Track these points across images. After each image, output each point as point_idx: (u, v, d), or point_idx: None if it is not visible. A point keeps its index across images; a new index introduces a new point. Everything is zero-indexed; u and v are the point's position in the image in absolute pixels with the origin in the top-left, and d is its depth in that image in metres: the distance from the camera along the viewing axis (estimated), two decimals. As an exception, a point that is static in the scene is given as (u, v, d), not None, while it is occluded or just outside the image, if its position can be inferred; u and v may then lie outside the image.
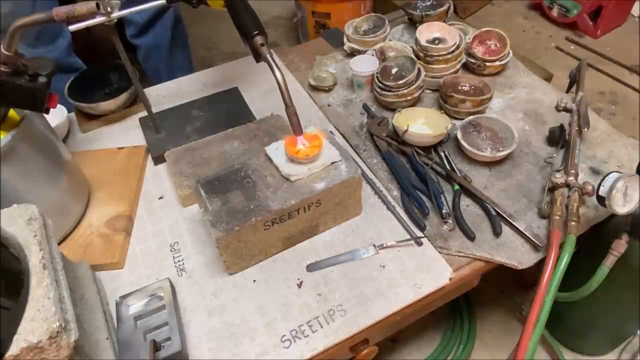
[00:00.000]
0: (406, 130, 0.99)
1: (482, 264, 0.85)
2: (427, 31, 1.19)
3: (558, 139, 1.01)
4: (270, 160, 0.85)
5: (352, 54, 1.29)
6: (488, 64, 1.18)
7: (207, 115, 1.14)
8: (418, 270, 0.83)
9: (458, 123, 1.05)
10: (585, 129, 0.99)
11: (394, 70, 1.15)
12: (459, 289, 0.93)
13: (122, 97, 1.13)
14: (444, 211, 0.89)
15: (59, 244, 0.87)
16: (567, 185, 0.88)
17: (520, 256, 0.84)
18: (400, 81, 1.08)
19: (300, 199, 0.79)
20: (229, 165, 0.88)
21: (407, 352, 1.32)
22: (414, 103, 1.14)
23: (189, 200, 0.95)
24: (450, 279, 0.82)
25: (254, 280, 0.83)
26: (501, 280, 1.39)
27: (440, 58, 1.14)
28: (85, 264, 0.80)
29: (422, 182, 0.95)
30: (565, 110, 1.07)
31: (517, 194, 0.94)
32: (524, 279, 1.36)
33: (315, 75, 1.23)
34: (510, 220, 0.88)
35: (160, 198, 0.99)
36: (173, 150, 1.01)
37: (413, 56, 1.16)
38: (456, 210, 0.90)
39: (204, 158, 0.99)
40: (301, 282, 0.82)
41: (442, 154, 1.01)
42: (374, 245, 0.86)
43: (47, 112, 0.82)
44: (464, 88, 1.13)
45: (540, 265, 0.81)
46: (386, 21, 1.30)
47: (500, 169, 0.99)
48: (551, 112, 1.11)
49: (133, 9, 0.85)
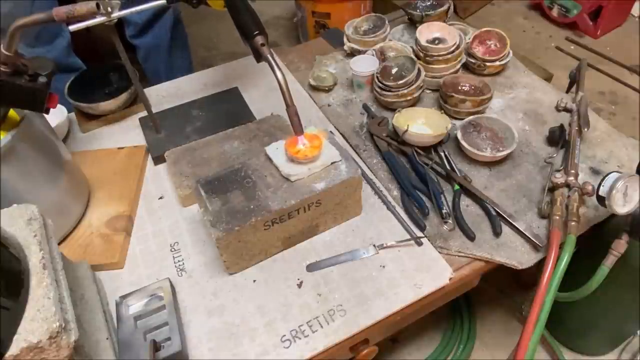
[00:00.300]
0: (406, 130, 0.99)
1: (482, 264, 0.85)
2: (427, 31, 1.19)
3: (558, 139, 1.01)
4: (270, 160, 0.85)
5: (352, 54, 1.29)
6: (488, 64, 1.18)
7: (207, 115, 1.14)
8: (418, 270, 0.83)
9: (458, 123, 1.05)
10: (585, 129, 0.99)
11: (394, 70, 1.15)
12: (459, 289, 0.93)
13: (122, 97, 1.13)
14: (444, 211, 0.89)
15: (59, 244, 0.87)
16: (567, 185, 0.88)
17: (520, 256, 0.84)
18: (400, 81, 1.08)
19: (300, 199, 0.79)
20: (229, 165, 0.88)
21: (407, 352, 1.32)
22: (414, 103, 1.14)
23: (189, 200, 0.95)
24: (450, 279, 0.82)
25: (254, 280, 0.83)
26: (501, 280, 1.39)
27: (440, 58, 1.14)
28: (85, 264, 0.80)
29: (422, 182, 0.95)
30: (565, 110, 1.07)
31: (517, 194, 0.94)
32: (523, 279, 1.36)
33: (315, 75, 1.23)
34: (510, 220, 0.88)
35: (160, 198, 0.99)
36: (173, 150, 1.01)
37: (413, 56, 1.16)
38: (456, 210, 0.90)
39: (204, 158, 0.99)
40: (301, 282, 0.82)
41: (442, 154, 1.01)
42: (374, 245, 0.86)
43: (47, 112, 0.81)
44: (464, 88, 1.13)
45: (540, 265, 0.81)
46: (386, 21, 1.30)
47: (500, 169, 0.99)
48: (551, 112, 1.11)
49: (133, 9, 0.85)
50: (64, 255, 0.72)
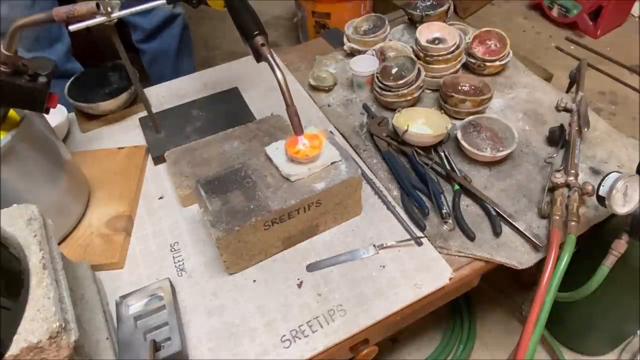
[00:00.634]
0: (406, 130, 0.99)
1: (482, 264, 0.85)
2: (427, 31, 1.19)
3: (558, 139, 1.01)
4: (270, 160, 0.85)
5: (352, 54, 1.29)
6: (488, 64, 1.18)
7: (207, 115, 1.14)
8: (418, 270, 0.83)
9: (458, 123, 1.05)
10: (585, 129, 0.99)
11: (394, 70, 1.15)
12: (459, 289, 0.93)
13: (122, 97, 1.13)
14: (444, 211, 0.89)
15: (59, 244, 0.87)
16: (567, 185, 0.88)
17: (520, 256, 0.84)
18: (400, 81, 1.08)
19: (300, 199, 0.79)
20: (229, 165, 0.88)
21: (407, 352, 1.32)
22: (414, 103, 1.14)
23: (189, 200, 0.95)
24: (450, 279, 0.82)
25: (254, 280, 0.83)
26: (501, 280, 1.39)
27: (440, 58, 1.14)
28: (85, 264, 0.80)
29: (422, 182, 0.95)
30: (565, 110, 1.07)
31: (517, 194, 0.94)
32: (523, 279, 1.36)
33: (315, 75, 1.23)
34: (510, 220, 0.88)
35: (160, 198, 0.99)
36: (173, 150, 1.01)
37: (413, 56, 1.16)
38: (456, 210, 0.90)
39: (204, 158, 0.99)
40: (301, 282, 0.82)
41: (442, 154, 1.01)
42: (374, 245, 0.86)
43: (47, 112, 0.82)
44: (464, 88, 1.13)
45: (540, 265, 0.81)
46: (386, 21, 1.30)
47: (500, 169, 0.99)
48: (551, 112, 1.11)
49: (133, 9, 0.85)
50: (64, 255, 0.72)
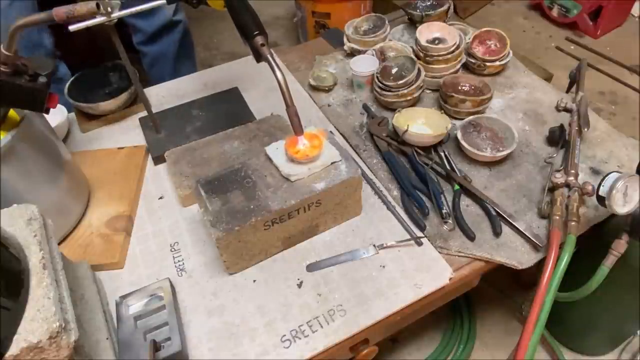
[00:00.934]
0: (406, 130, 0.99)
1: (482, 264, 0.85)
2: (427, 31, 1.19)
3: (558, 139, 1.01)
4: (270, 160, 0.85)
5: (352, 54, 1.29)
6: (488, 64, 1.18)
7: (207, 115, 1.14)
8: (418, 270, 0.83)
9: (458, 123, 1.05)
10: (585, 129, 0.99)
11: (394, 70, 1.15)
12: (459, 289, 0.93)
13: (122, 97, 1.13)
14: (444, 211, 0.89)
15: (59, 244, 0.87)
16: (567, 185, 0.88)
17: (520, 256, 0.84)
18: (400, 81, 1.08)
19: (300, 199, 0.79)
20: (229, 165, 0.88)
21: (407, 352, 1.32)
22: (414, 103, 1.14)
23: (189, 200, 0.95)
24: (450, 279, 0.82)
25: (254, 280, 0.83)
26: (501, 280, 1.39)
27: (440, 58, 1.14)
28: (85, 264, 0.80)
29: (422, 182, 0.95)
30: (565, 110, 1.07)
31: (517, 194, 0.94)
32: (523, 279, 1.36)
33: (315, 75, 1.23)
34: (510, 220, 0.88)
35: (160, 198, 0.99)
36: (173, 150, 1.01)
37: (413, 56, 1.16)
38: (456, 210, 0.90)
39: (204, 158, 0.99)
40: (301, 282, 0.82)
41: (442, 154, 1.01)
42: (374, 245, 0.86)
43: (47, 112, 0.82)
44: (464, 88, 1.13)
45: (540, 265, 0.81)
46: (386, 21, 1.29)
47: (500, 169, 0.99)
48: (551, 112, 1.11)
49: (133, 9, 0.85)
50: (64, 255, 0.72)
